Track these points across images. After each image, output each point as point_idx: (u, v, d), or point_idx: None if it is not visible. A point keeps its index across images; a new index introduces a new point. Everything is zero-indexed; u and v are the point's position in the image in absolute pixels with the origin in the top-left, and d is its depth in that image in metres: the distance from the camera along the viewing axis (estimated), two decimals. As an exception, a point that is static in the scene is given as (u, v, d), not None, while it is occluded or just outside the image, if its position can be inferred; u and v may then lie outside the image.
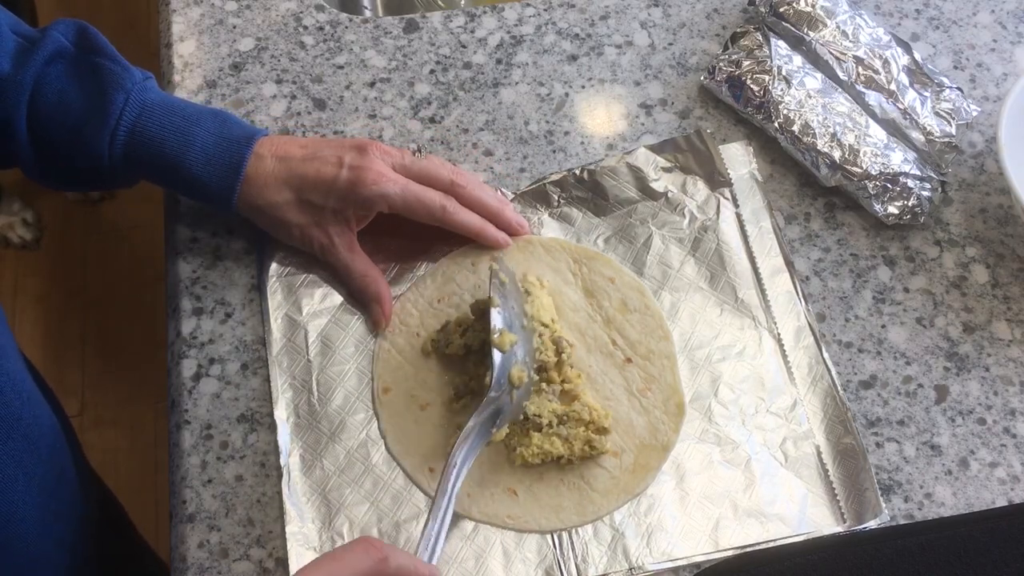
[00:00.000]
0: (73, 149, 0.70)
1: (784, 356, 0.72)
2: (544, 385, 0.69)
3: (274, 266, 0.76)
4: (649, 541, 0.66)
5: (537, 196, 0.79)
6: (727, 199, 0.79)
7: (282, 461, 0.68)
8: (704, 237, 0.77)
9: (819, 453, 0.69)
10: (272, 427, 0.70)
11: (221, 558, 0.66)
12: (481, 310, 0.71)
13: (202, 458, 0.69)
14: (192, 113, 0.72)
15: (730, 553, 0.66)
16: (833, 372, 0.72)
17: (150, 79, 0.73)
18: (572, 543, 0.66)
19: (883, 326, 0.75)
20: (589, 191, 0.79)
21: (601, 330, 0.73)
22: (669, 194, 0.79)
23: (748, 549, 0.66)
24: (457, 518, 0.66)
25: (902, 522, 0.68)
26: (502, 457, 0.68)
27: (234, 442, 0.70)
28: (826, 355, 0.73)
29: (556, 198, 0.79)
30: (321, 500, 0.67)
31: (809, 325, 0.74)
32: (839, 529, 0.66)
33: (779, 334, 0.73)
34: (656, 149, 0.81)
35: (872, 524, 0.67)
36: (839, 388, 0.71)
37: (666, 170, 0.80)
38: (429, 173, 0.73)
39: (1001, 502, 0.69)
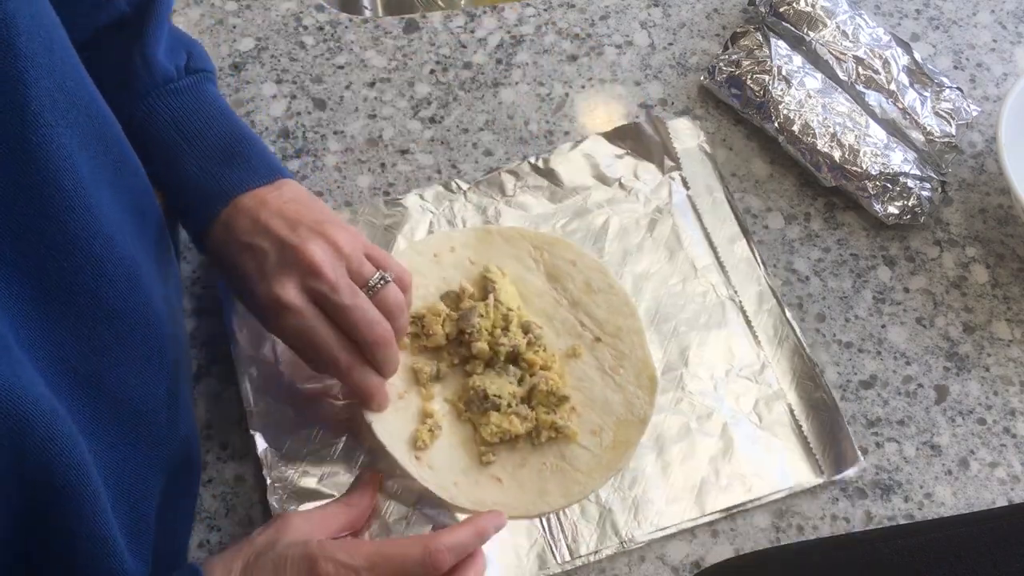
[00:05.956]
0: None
1: (748, 322, 0.74)
2: (509, 367, 0.69)
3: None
4: (636, 514, 0.67)
5: (492, 185, 0.80)
6: (678, 182, 0.80)
7: (264, 473, 0.67)
8: (659, 219, 0.78)
9: (791, 411, 0.70)
10: (272, 427, 0.70)
11: (221, 558, 0.66)
12: (455, 300, 0.72)
13: (202, 458, 0.69)
14: (196, 140, 0.67)
15: (717, 516, 0.67)
16: (798, 330, 0.74)
17: (181, 82, 0.69)
18: (561, 525, 0.66)
19: (883, 326, 0.75)
20: (544, 178, 0.80)
21: (568, 313, 0.73)
22: (622, 179, 0.80)
23: (734, 510, 0.67)
24: (448, 508, 0.66)
25: (902, 522, 0.68)
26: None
27: (234, 442, 0.70)
28: (789, 314, 0.74)
29: (512, 186, 0.80)
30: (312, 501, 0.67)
31: (770, 288, 0.75)
32: (819, 481, 0.68)
33: (740, 301, 0.75)
34: (608, 136, 0.82)
35: (851, 472, 0.68)
36: (805, 346, 0.73)
37: (618, 156, 0.81)
38: (347, 323, 0.63)
39: (1001, 502, 0.69)
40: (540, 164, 0.81)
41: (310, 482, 0.67)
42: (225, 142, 0.68)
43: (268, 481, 0.67)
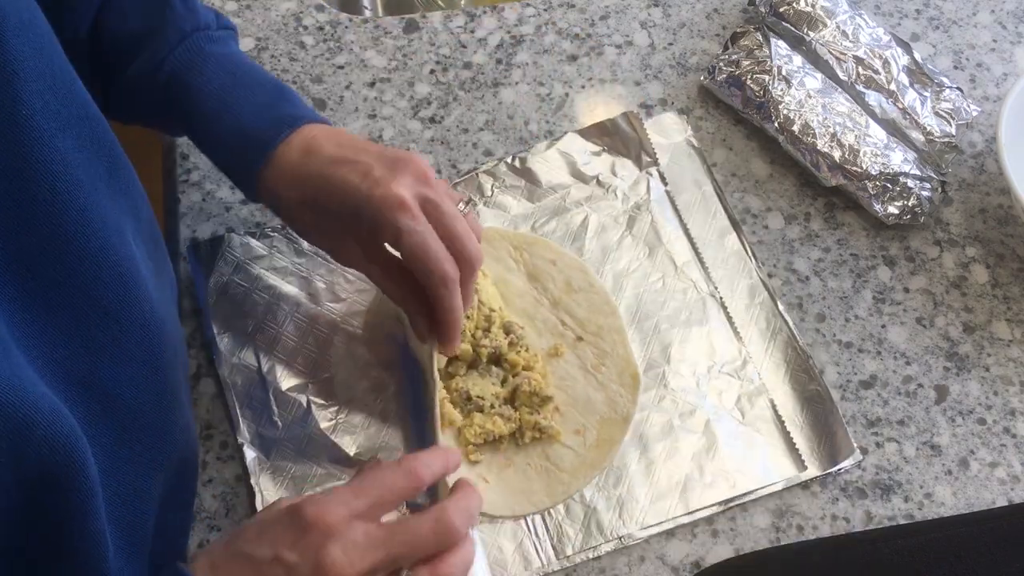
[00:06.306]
0: (122, 62, 0.67)
1: (729, 318, 0.74)
2: (492, 368, 0.70)
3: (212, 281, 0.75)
4: (621, 512, 0.67)
5: (470, 186, 0.80)
6: (655, 178, 0.80)
7: (252, 482, 0.67)
8: (638, 216, 0.79)
9: (774, 406, 0.71)
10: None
11: (221, 558, 0.66)
12: None
13: (202, 458, 0.69)
14: (247, 77, 0.68)
15: (702, 514, 0.67)
16: (791, 323, 0.74)
17: (217, 32, 0.69)
18: (546, 525, 0.66)
19: (883, 326, 0.75)
20: (522, 178, 0.80)
21: (549, 312, 0.74)
22: (600, 177, 0.80)
23: (717, 508, 0.67)
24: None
25: (902, 522, 0.68)
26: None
27: (234, 442, 0.70)
28: (782, 307, 0.75)
29: (490, 187, 0.80)
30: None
31: (762, 281, 0.76)
32: (803, 476, 0.68)
33: (722, 297, 0.75)
34: (584, 134, 0.82)
35: (847, 464, 0.69)
36: (798, 338, 0.73)
37: (595, 154, 0.81)
38: (455, 231, 0.63)
39: (1001, 502, 0.69)
40: (517, 164, 0.81)
41: (298, 492, 0.67)
42: (278, 85, 0.69)
43: (256, 490, 0.67)
